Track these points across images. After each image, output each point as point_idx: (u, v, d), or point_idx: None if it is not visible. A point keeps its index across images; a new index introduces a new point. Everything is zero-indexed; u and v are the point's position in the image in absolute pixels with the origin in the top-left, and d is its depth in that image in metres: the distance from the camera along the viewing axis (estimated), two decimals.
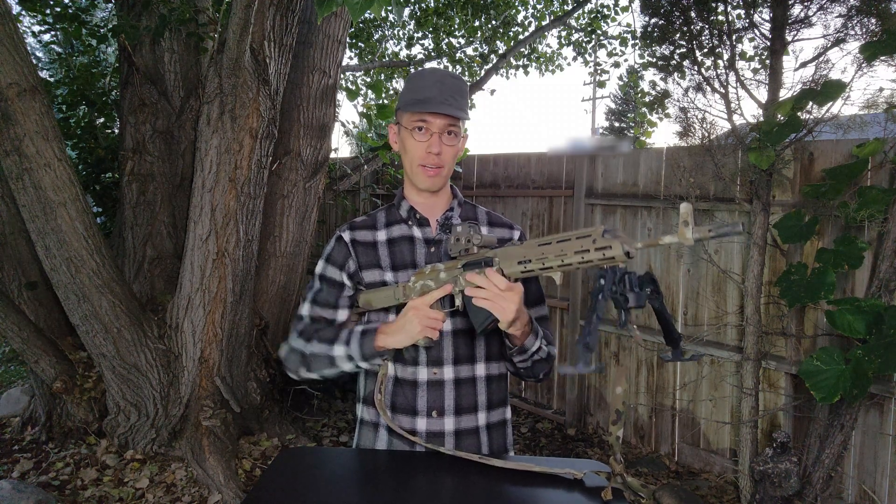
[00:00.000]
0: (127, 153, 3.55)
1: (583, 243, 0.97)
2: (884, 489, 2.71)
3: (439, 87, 1.22)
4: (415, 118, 1.23)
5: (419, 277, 1.21)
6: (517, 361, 1.25)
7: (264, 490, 1.09)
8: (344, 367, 1.25)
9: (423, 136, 1.23)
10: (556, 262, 1.00)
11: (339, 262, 1.31)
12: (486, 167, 4.58)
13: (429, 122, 1.22)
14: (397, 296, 1.23)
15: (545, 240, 1.03)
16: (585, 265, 0.97)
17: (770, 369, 3.03)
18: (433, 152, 1.23)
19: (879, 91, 2.66)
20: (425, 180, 1.26)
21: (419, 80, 1.25)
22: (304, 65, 3.79)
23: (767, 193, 2.91)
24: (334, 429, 3.85)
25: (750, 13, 3.04)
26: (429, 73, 1.26)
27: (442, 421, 1.26)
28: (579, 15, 6.67)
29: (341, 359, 1.24)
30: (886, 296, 2.51)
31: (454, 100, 1.23)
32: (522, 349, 1.21)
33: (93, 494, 2.86)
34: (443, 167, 1.26)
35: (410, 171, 1.28)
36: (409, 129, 1.24)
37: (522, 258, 1.06)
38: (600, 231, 0.96)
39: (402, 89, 1.29)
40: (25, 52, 2.60)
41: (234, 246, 3.03)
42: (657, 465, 3.41)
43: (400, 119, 1.28)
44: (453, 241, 1.16)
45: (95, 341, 2.99)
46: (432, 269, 1.20)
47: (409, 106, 1.23)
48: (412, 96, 1.24)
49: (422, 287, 1.19)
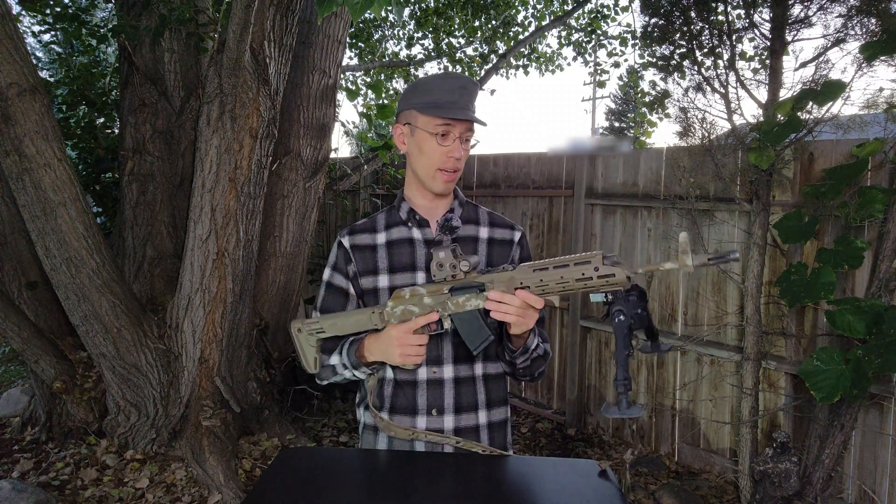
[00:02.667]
0: (127, 153, 3.55)
1: (584, 270, 0.98)
2: (884, 489, 2.71)
3: (461, 92, 1.22)
4: (438, 122, 1.21)
5: (398, 302, 1.18)
6: (519, 363, 1.25)
7: (264, 490, 1.09)
8: (346, 374, 1.30)
9: (447, 141, 1.23)
10: (557, 289, 1.03)
11: (343, 269, 1.32)
12: (486, 167, 4.58)
13: (452, 127, 1.22)
14: (374, 321, 1.21)
15: (540, 264, 1.05)
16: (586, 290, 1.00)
17: (770, 369, 3.03)
18: (455, 157, 1.23)
19: (879, 91, 2.66)
20: (442, 185, 1.27)
21: (439, 84, 1.23)
22: (304, 65, 3.78)
23: (767, 193, 2.91)
24: (334, 429, 3.85)
25: (750, 13, 3.04)
26: (451, 78, 1.24)
27: (441, 419, 1.26)
28: (579, 15, 6.67)
29: (340, 367, 1.29)
30: (886, 296, 2.51)
31: (473, 106, 1.25)
32: (525, 349, 1.22)
33: (93, 494, 2.86)
34: (459, 171, 1.27)
35: (427, 174, 1.26)
36: (433, 133, 1.22)
37: (519, 284, 1.07)
38: (600, 258, 0.97)
39: (417, 89, 1.26)
40: (25, 52, 2.60)
41: (234, 246, 3.03)
42: (657, 465, 3.41)
43: (413, 121, 1.25)
44: (436, 266, 1.14)
45: (95, 341, 2.99)
46: (412, 292, 1.18)
47: (431, 109, 1.21)
48: (432, 99, 1.22)
49: (402, 312, 1.18)
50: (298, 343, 1.32)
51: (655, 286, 3.57)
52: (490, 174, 4.55)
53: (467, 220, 1.34)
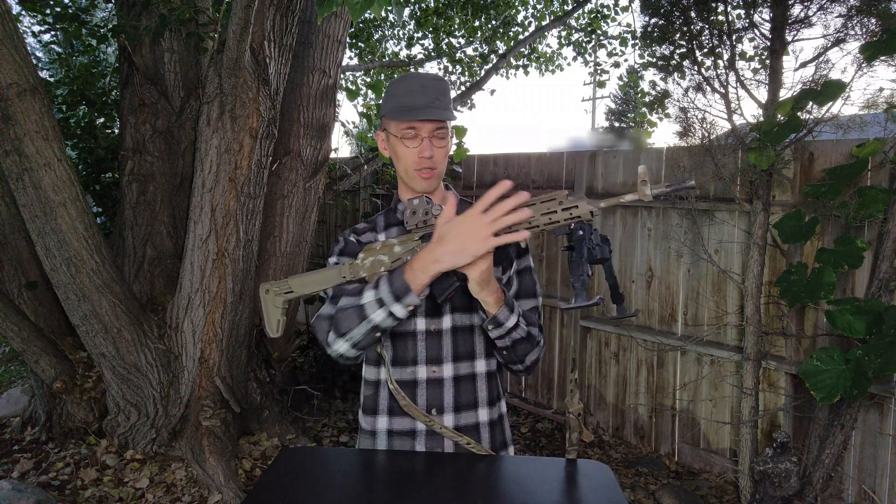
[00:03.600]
0: (127, 153, 3.55)
1: (549, 206, 1.02)
2: (884, 489, 2.71)
3: (422, 91, 1.23)
4: (403, 126, 1.24)
5: (369, 253, 1.18)
6: (496, 339, 1.21)
7: (264, 490, 1.09)
8: (375, 317, 1.11)
9: (414, 143, 1.24)
10: (523, 226, 1.02)
11: (353, 253, 1.28)
12: (486, 167, 4.58)
13: (417, 128, 1.24)
14: (343, 273, 1.19)
15: None
16: (552, 225, 1.02)
17: (770, 369, 3.03)
18: (426, 156, 1.25)
19: (879, 91, 2.66)
20: (422, 183, 1.28)
21: (401, 86, 1.26)
22: (304, 65, 3.78)
23: (767, 193, 2.91)
24: (334, 429, 3.85)
25: (750, 13, 3.04)
26: (411, 79, 1.26)
27: (441, 418, 1.26)
28: (579, 15, 6.67)
29: (371, 306, 1.11)
30: (886, 296, 2.51)
31: (439, 101, 1.24)
32: (496, 322, 1.16)
33: (93, 494, 2.86)
34: (436, 168, 1.27)
35: (406, 175, 1.29)
36: (399, 136, 1.25)
37: None
38: (564, 194, 1.02)
39: (385, 96, 1.29)
40: (25, 52, 2.60)
41: (234, 246, 3.03)
42: (657, 465, 3.41)
43: (387, 126, 1.28)
44: (409, 213, 1.15)
45: (95, 341, 2.99)
46: (383, 244, 1.18)
47: (395, 114, 1.24)
48: (396, 103, 1.24)
49: (372, 263, 1.17)
50: (264, 304, 1.29)
51: (655, 286, 3.57)
52: (490, 174, 4.55)
53: None
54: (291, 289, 1.25)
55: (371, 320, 1.12)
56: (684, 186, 0.95)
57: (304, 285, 1.24)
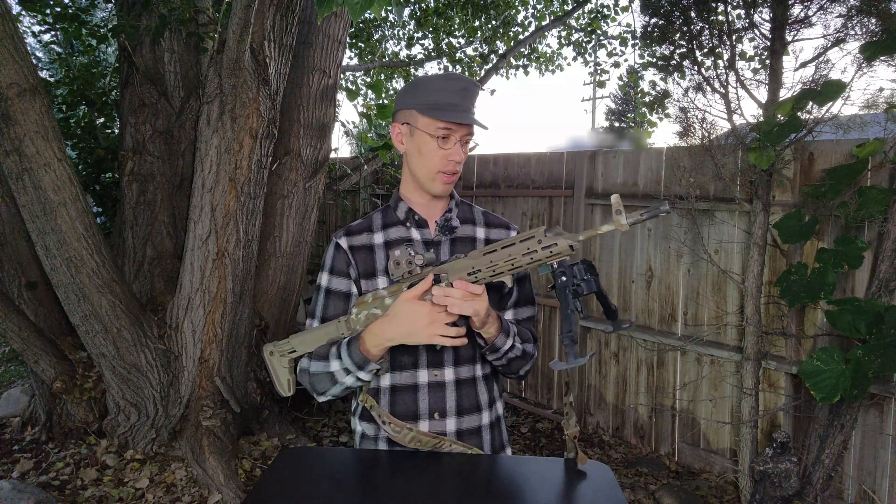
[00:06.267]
0: (127, 153, 3.55)
1: (528, 245, 1.04)
2: (884, 489, 2.71)
3: (463, 94, 1.20)
4: (440, 125, 1.19)
5: (362, 307, 1.18)
6: (492, 360, 1.25)
7: (264, 490, 1.09)
8: (346, 381, 1.19)
9: (448, 144, 1.21)
10: (506, 268, 1.06)
11: (343, 271, 1.28)
12: (486, 167, 4.58)
13: (453, 131, 1.20)
14: (341, 331, 1.20)
15: (489, 248, 1.09)
16: (534, 264, 1.04)
17: (770, 369, 3.03)
18: (455, 160, 1.22)
19: (879, 91, 2.66)
20: (442, 187, 1.25)
21: (441, 84, 1.20)
22: (304, 65, 3.78)
23: (767, 193, 2.91)
24: (334, 429, 3.85)
25: (750, 13, 3.04)
26: (454, 80, 1.21)
27: (444, 422, 1.25)
28: (579, 15, 6.66)
29: (339, 373, 1.19)
30: (886, 296, 2.51)
31: (474, 108, 1.24)
32: (494, 348, 1.21)
33: (93, 494, 2.86)
34: (458, 173, 1.26)
35: (426, 176, 1.24)
36: (434, 135, 1.20)
37: (472, 269, 1.09)
38: (542, 231, 1.04)
39: (418, 89, 1.23)
40: (25, 52, 2.60)
41: (234, 246, 3.03)
42: (657, 465, 3.41)
43: (413, 121, 1.22)
44: (393, 265, 1.14)
45: (95, 341, 2.99)
46: (374, 296, 1.18)
47: (431, 111, 1.19)
48: (434, 100, 1.19)
49: (366, 317, 1.17)
50: (271, 366, 1.29)
51: (655, 286, 3.57)
52: (490, 174, 4.55)
53: (464, 220, 1.33)
54: (294, 348, 1.27)
55: (343, 383, 1.21)
56: (659, 212, 0.97)
57: (305, 343, 1.25)
